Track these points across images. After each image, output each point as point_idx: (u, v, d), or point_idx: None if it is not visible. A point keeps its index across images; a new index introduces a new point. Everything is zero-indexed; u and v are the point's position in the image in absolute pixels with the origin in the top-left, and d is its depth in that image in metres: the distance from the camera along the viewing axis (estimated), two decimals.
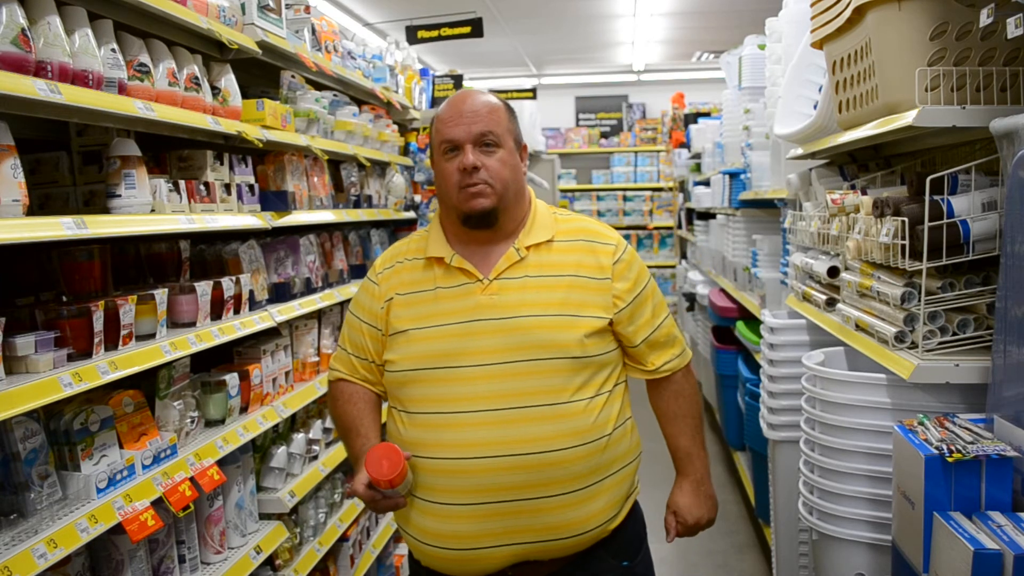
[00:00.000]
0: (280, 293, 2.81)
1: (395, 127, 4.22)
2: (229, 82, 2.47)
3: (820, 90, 2.72)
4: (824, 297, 2.57)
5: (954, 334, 1.89)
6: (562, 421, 1.75)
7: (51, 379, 1.70)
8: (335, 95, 3.44)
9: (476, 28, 6.34)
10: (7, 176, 1.63)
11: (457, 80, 5.14)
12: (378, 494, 1.75)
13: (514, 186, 1.86)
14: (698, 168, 7.64)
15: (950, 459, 1.55)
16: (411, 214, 4.28)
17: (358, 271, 3.59)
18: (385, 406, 1.98)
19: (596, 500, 1.80)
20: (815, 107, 2.72)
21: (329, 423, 3.13)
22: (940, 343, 1.90)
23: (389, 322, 1.88)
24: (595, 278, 1.86)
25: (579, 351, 1.78)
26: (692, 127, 7.94)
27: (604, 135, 12.26)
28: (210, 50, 2.49)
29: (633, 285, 1.89)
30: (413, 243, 1.97)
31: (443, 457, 1.76)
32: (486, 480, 1.73)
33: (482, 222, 1.83)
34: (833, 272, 2.49)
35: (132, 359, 1.95)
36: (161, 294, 2.12)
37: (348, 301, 3.42)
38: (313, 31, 3.23)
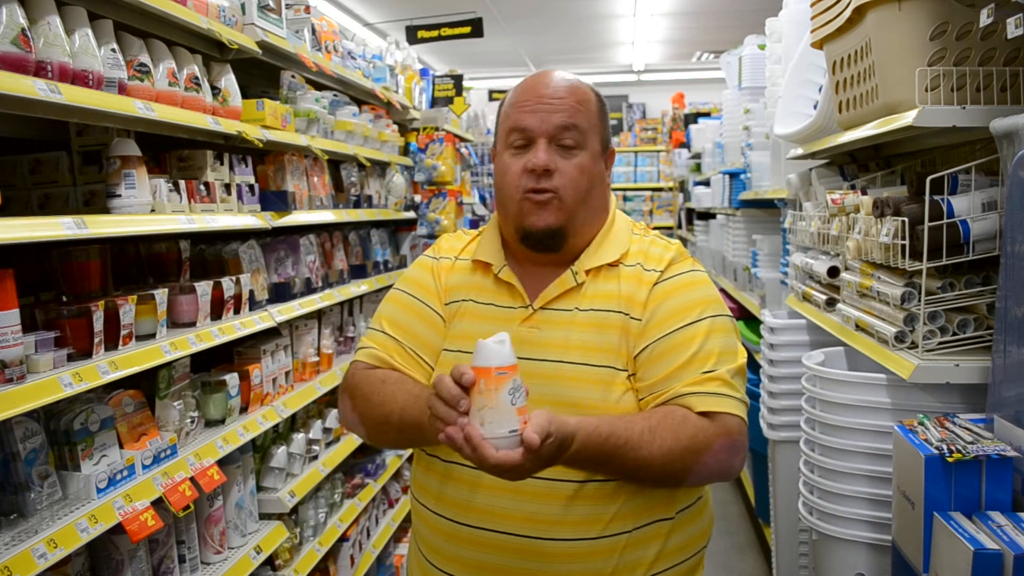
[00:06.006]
0: (280, 293, 2.80)
1: (395, 127, 4.22)
2: (229, 82, 2.47)
3: (820, 90, 2.72)
4: (824, 297, 2.57)
5: (954, 334, 1.89)
6: (580, 505, 1.40)
7: (51, 379, 1.70)
8: (335, 95, 3.44)
9: (476, 28, 6.34)
10: None
11: (457, 80, 5.14)
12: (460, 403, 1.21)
13: (590, 202, 1.50)
14: (698, 168, 7.64)
15: (950, 459, 1.55)
16: (411, 214, 4.28)
17: (358, 271, 3.59)
18: None
19: None
20: (815, 107, 2.72)
21: (329, 422, 3.13)
22: (940, 343, 1.90)
23: (448, 330, 1.55)
24: (631, 316, 1.46)
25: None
26: (692, 127, 7.94)
27: None
28: (210, 50, 2.49)
29: (666, 318, 1.44)
30: (472, 241, 1.64)
31: (448, 517, 1.48)
32: (488, 557, 1.43)
33: (543, 244, 1.49)
34: (833, 272, 2.48)
35: (132, 359, 1.94)
36: (161, 294, 2.12)
37: (348, 301, 3.44)
38: (313, 31, 3.23)
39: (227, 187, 2.46)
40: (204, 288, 2.29)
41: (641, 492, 1.43)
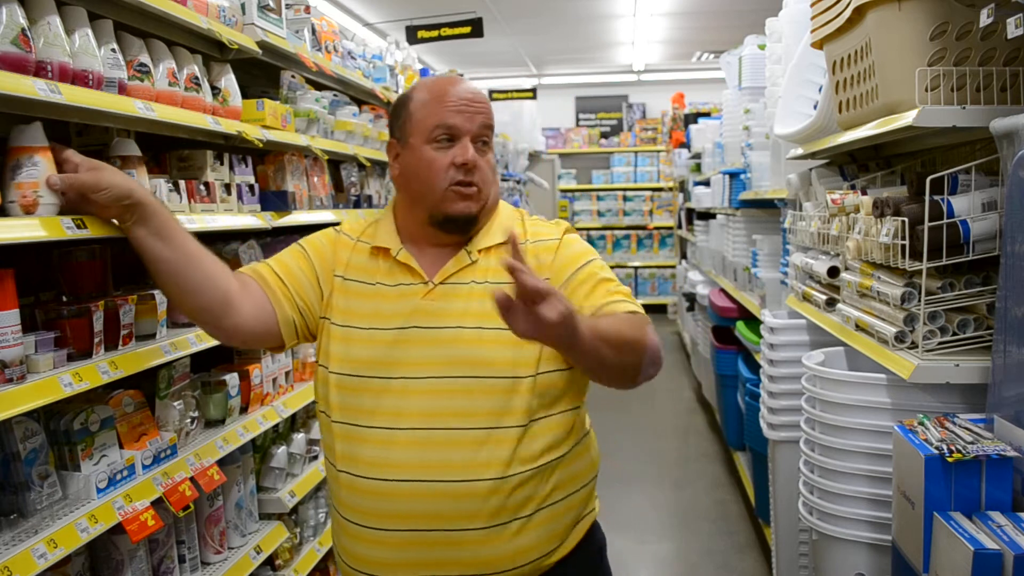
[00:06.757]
0: None
1: None
2: (229, 82, 2.47)
3: (820, 90, 2.73)
4: (824, 297, 2.57)
5: (954, 334, 1.89)
6: (487, 448, 1.59)
7: (51, 379, 1.70)
8: (335, 95, 3.44)
9: (476, 28, 6.35)
10: None
11: None
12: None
13: (494, 193, 1.75)
14: (698, 168, 7.64)
15: (950, 459, 1.55)
16: None
17: None
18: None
19: (526, 534, 1.63)
20: (815, 107, 2.72)
21: None
22: (940, 343, 1.90)
23: (330, 301, 1.73)
24: None
25: (511, 371, 1.61)
26: (692, 127, 7.95)
27: (604, 135, 12.27)
28: (210, 50, 2.49)
29: (566, 265, 1.69)
30: (368, 227, 1.80)
31: (366, 476, 1.63)
32: (407, 506, 1.60)
33: (461, 228, 1.69)
34: (833, 272, 2.49)
35: (132, 359, 1.94)
36: (161, 294, 2.12)
37: None
38: (313, 31, 3.23)
39: (227, 187, 2.46)
40: None
41: (538, 436, 1.63)
